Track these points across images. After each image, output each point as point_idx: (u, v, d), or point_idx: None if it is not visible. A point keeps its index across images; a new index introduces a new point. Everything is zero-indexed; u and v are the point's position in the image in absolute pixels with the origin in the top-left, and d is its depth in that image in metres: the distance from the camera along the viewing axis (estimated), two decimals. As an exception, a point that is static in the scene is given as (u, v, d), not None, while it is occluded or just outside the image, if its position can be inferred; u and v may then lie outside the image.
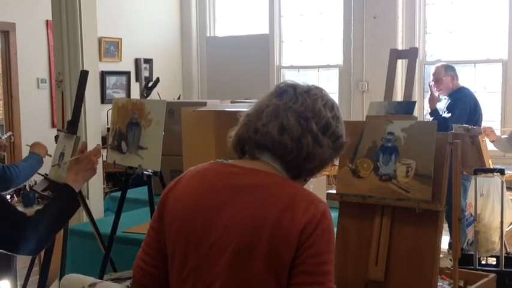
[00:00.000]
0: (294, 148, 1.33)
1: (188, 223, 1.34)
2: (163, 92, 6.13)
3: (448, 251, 4.53)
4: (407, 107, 2.27)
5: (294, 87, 1.39)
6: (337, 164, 3.63)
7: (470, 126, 4.07)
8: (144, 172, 2.63)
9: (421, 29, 6.52)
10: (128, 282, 2.12)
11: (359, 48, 6.67)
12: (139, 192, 4.29)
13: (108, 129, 5.73)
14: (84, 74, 2.88)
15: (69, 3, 3.61)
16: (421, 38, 6.53)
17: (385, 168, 2.04)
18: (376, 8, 6.53)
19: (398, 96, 5.54)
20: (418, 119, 2.41)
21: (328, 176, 4.65)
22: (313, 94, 1.37)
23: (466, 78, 5.92)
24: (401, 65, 5.28)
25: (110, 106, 6.25)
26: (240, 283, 1.27)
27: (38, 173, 3.11)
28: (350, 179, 2.11)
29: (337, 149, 1.40)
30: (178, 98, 7.28)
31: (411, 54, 2.56)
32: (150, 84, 2.77)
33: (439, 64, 5.17)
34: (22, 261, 3.70)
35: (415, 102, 2.37)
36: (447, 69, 4.99)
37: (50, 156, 3.11)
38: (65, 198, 1.95)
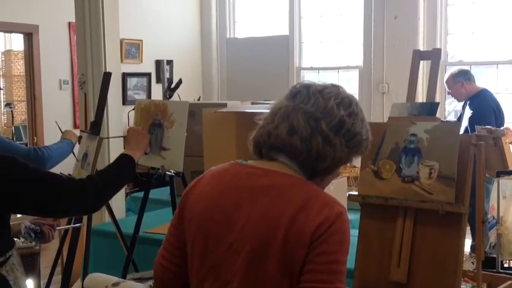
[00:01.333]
0: (304, 149, 1.34)
1: (207, 222, 1.37)
2: (183, 94, 6.15)
3: (469, 254, 4.48)
4: (430, 108, 2.26)
5: (307, 87, 1.40)
6: (357, 166, 3.62)
7: (493, 128, 4.02)
8: (167, 173, 2.65)
9: (443, 29, 6.47)
10: (151, 282, 2.13)
11: (379, 49, 6.64)
12: (160, 193, 4.32)
13: (129, 130, 5.78)
14: (107, 76, 2.92)
15: (92, 5, 3.65)
16: (443, 39, 6.48)
17: (407, 170, 2.03)
18: (397, 9, 6.50)
19: (419, 97, 5.51)
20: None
21: (348, 178, 4.63)
22: (327, 93, 1.38)
23: (488, 80, 5.86)
24: (422, 66, 5.24)
25: (131, 107, 6.30)
26: (256, 283, 1.29)
27: (61, 173, 3.15)
28: (372, 181, 2.10)
29: (354, 146, 1.39)
30: (198, 99, 7.31)
31: (434, 56, 2.54)
32: (172, 86, 2.79)
33: (448, 72, 5.14)
34: (45, 261, 3.75)
35: (438, 103, 2.36)
36: (454, 77, 4.96)
37: (72, 153, 3.14)
38: (122, 164, 2.06)
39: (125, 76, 6.94)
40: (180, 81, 2.83)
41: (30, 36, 6.27)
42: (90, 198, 1.76)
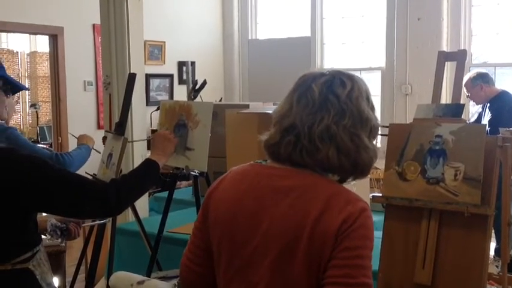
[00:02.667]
0: (353, 168, 1.34)
1: (231, 225, 1.37)
2: (205, 95, 6.17)
3: (493, 257, 4.43)
4: (455, 109, 2.24)
5: (334, 93, 1.34)
6: (380, 168, 3.60)
7: (517, 130, 3.97)
8: (191, 173, 2.67)
9: (467, 30, 6.40)
10: (175, 281, 2.16)
11: (402, 50, 6.60)
12: (182, 193, 4.36)
13: (152, 130, 5.84)
14: (132, 77, 2.94)
15: (117, 7, 3.70)
16: (467, 40, 6.42)
17: (432, 171, 2.02)
18: (420, 10, 6.45)
19: (443, 99, 5.46)
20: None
21: (370, 180, 4.61)
22: (355, 98, 1.34)
23: (513, 81, 5.79)
24: (445, 67, 5.21)
25: (153, 108, 6.39)
26: (283, 284, 1.29)
27: (86, 173, 3.19)
28: (396, 182, 2.09)
29: (375, 137, 1.40)
30: (220, 101, 7.35)
31: (460, 57, 2.53)
32: (197, 87, 2.81)
33: (467, 76, 5.09)
34: (69, 260, 3.80)
35: (463, 105, 2.34)
36: (473, 81, 4.94)
37: (96, 151, 3.18)
38: (146, 169, 2.08)
39: (147, 77, 7.00)
40: (204, 82, 2.85)
41: (55, 38, 6.36)
42: (113, 202, 1.78)
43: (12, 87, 1.80)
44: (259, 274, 1.31)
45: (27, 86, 8.62)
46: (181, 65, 7.56)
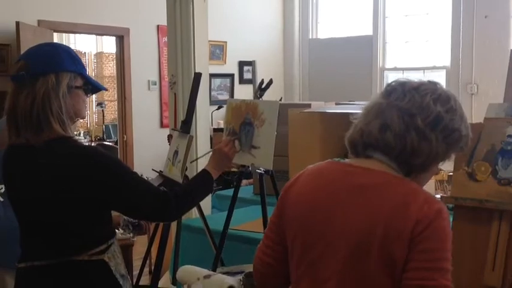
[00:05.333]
0: (398, 145, 1.33)
1: (307, 221, 1.40)
2: (265, 94, 6.23)
3: None
4: (528, 109, 2.17)
5: (402, 84, 1.39)
6: (443, 169, 3.51)
7: None
8: (256, 170, 2.70)
9: (537, 28, 6.18)
10: (240, 276, 2.18)
11: (468, 49, 6.44)
12: (242, 191, 4.39)
13: (214, 129, 5.92)
14: (197, 76, 3.00)
15: (183, 9, 3.77)
16: (537, 38, 6.19)
17: (504, 172, 1.97)
18: (488, 7, 6.27)
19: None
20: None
21: (435, 181, 4.52)
22: (422, 90, 1.37)
23: None
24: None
25: (214, 107, 6.48)
26: (356, 281, 1.30)
27: (153, 169, 3.28)
28: (466, 183, 2.05)
29: (453, 143, 1.37)
30: (280, 100, 7.36)
31: (532, 55, 2.44)
32: (263, 86, 2.84)
33: None
34: (136, 254, 3.92)
35: (536, 104, 2.26)
36: None
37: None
38: (204, 181, 2.13)
39: (209, 77, 7.11)
40: (270, 81, 2.87)
41: (121, 39, 6.55)
42: (172, 210, 1.86)
43: (93, 87, 1.87)
44: (330, 270, 1.33)
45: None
46: (242, 64, 7.63)
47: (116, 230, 2.14)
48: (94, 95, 10.32)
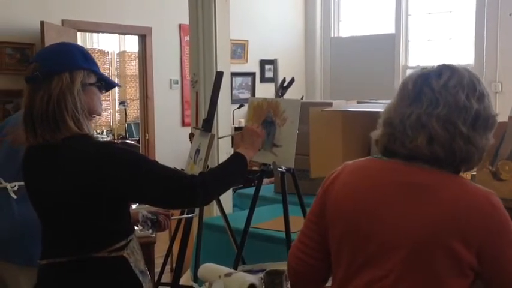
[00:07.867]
0: (448, 156, 1.31)
1: (354, 222, 1.36)
2: (287, 93, 6.23)
3: None
4: (554, 107, 2.14)
5: (429, 85, 1.33)
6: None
7: None
8: (278, 169, 2.70)
9: None
10: (261, 275, 2.19)
11: (492, 47, 6.35)
12: (262, 190, 4.38)
13: (235, 128, 5.94)
14: (219, 75, 3.01)
15: (205, 7, 3.80)
16: None
17: (529, 172, 1.95)
18: (512, 4, 6.18)
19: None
20: None
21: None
22: (452, 87, 1.32)
23: None
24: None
25: (235, 106, 6.49)
26: (417, 280, 1.28)
27: (174, 168, 3.30)
28: (490, 182, 2.03)
29: (490, 129, 1.36)
30: (301, 99, 7.34)
31: (559, 52, 2.40)
32: (285, 84, 2.84)
33: None
34: (156, 251, 3.94)
35: None
36: None
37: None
38: (234, 162, 2.08)
39: (230, 75, 7.12)
40: (292, 80, 2.87)
41: (144, 38, 6.60)
42: (200, 193, 1.82)
43: (106, 84, 1.88)
44: (386, 268, 1.30)
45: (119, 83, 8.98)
46: (263, 63, 7.63)
47: (135, 227, 2.14)
48: (117, 94, 10.42)
